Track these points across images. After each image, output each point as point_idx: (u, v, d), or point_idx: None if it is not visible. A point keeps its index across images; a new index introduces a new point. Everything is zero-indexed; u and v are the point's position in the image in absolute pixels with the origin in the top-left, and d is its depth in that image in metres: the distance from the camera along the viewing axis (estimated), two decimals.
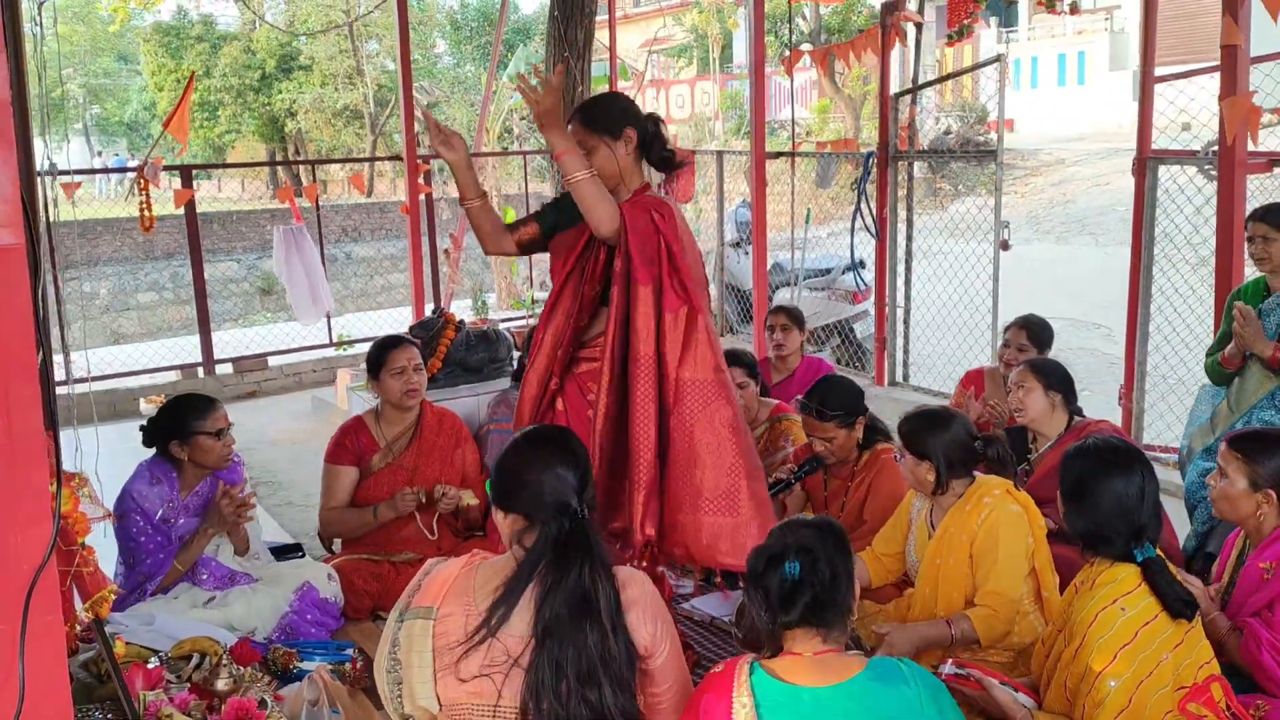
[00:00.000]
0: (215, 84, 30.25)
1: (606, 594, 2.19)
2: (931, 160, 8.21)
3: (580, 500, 2.28)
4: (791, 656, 2.17)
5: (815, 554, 2.18)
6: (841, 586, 2.17)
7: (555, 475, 2.30)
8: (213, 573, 3.68)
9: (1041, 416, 3.94)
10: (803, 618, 2.15)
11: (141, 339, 14.30)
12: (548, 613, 2.16)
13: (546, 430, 2.49)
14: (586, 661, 2.15)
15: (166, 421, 3.66)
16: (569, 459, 2.32)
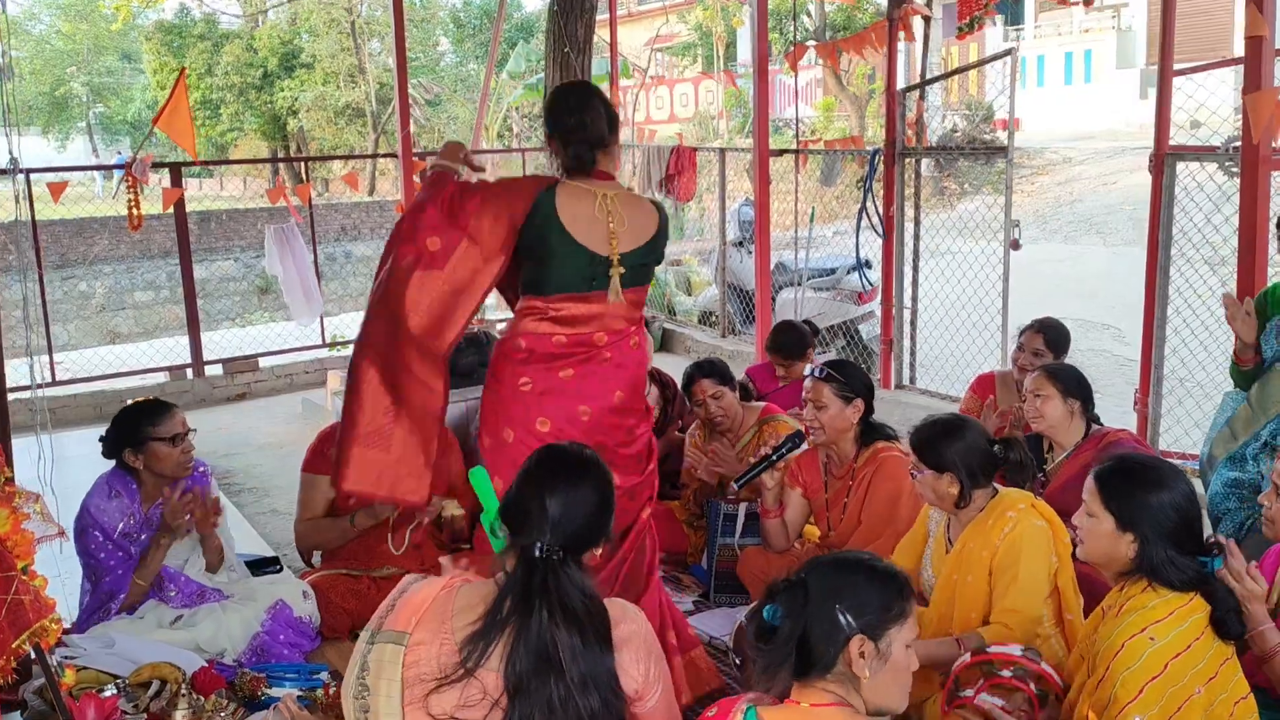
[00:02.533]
0: (217, 82, 30.14)
1: (570, 646, 1.98)
2: (939, 158, 8.00)
3: (553, 537, 2.07)
4: (790, 706, 1.94)
5: (801, 598, 1.94)
6: (823, 640, 1.91)
7: (539, 504, 2.11)
8: (181, 589, 3.49)
9: (1059, 425, 3.75)
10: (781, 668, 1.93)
11: (138, 338, 14.13)
12: (516, 665, 1.97)
13: (567, 451, 2.27)
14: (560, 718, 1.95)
15: (119, 429, 3.46)
16: (565, 488, 2.12)
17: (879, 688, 1.93)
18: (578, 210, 3.08)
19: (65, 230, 16.61)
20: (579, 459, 2.21)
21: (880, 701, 1.95)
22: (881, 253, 6.66)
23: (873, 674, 1.91)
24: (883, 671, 1.93)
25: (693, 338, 8.62)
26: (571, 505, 2.10)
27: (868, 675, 1.91)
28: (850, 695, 1.92)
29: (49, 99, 37.14)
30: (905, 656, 1.96)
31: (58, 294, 16.48)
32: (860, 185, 6.49)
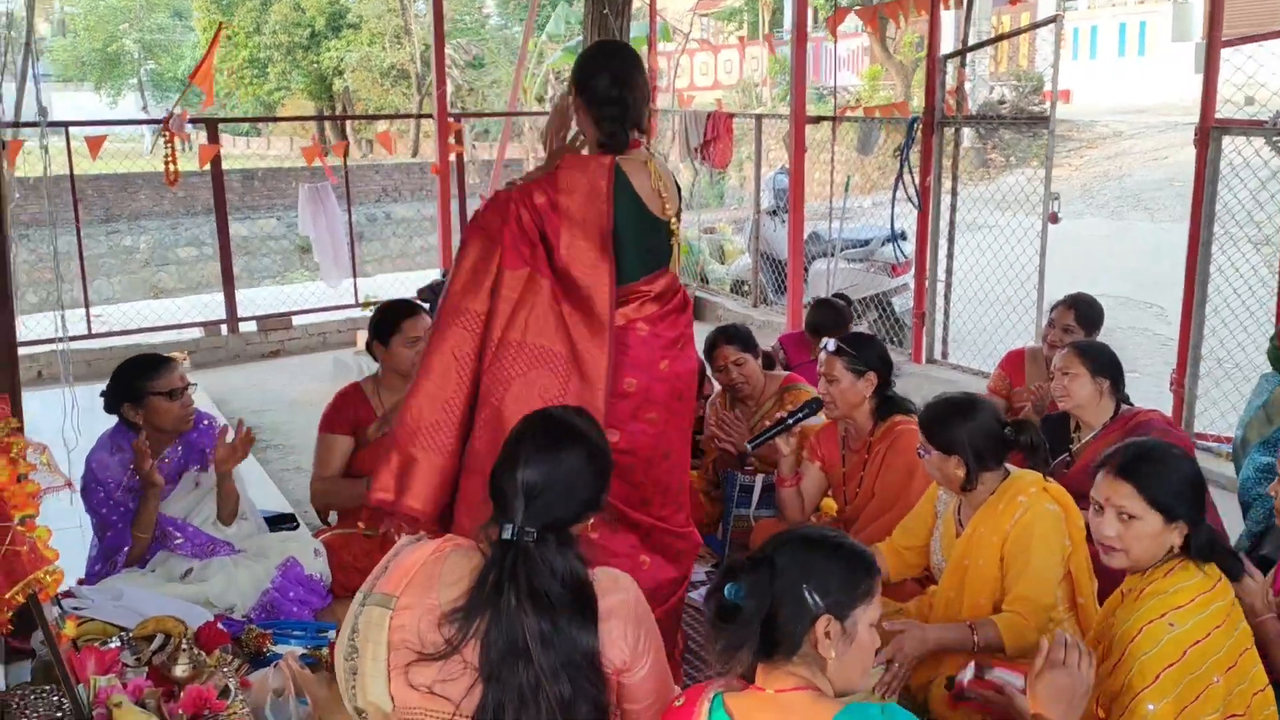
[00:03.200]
0: (265, 41, 30.24)
1: (539, 633, 1.92)
2: (980, 127, 7.83)
3: (526, 517, 1.99)
4: (755, 693, 1.88)
5: (767, 577, 1.86)
6: (790, 619, 1.83)
7: (511, 480, 2.03)
8: (190, 538, 3.49)
9: (1087, 404, 3.66)
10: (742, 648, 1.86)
11: (181, 293, 14.27)
12: (489, 651, 1.93)
13: (545, 419, 2.17)
14: (533, 708, 1.92)
15: (117, 384, 3.47)
16: (538, 462, 2.04)
17: (844, 669, 1.87)
18: (641, 182, 2.99)
19: (111, 185, 16.78)
20: (556, 426, 2.12)
21: (844, 683, 1.88)
22: (916, 224, 6.54)
23: (839, 655, 1.84)
24: (848, 652, 1.86)
25: (724, 306, 8.55)
26: (547, 479, 2.03)
27: (834, 656, 1.83)
28: (816, 677, 1.86)
29: (101, 55, 37.46)
30: (870, 636, 1.89)
31: (102, 248, 16.69)
32: (897, 155, 6.36)
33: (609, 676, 2.02)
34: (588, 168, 2.95)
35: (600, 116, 2.98)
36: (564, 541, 2.02)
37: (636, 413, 3.04)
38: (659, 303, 3.07)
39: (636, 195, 2.96)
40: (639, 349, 3.03)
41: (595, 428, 2.19)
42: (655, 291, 3.06)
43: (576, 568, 2.00)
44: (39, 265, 15.26)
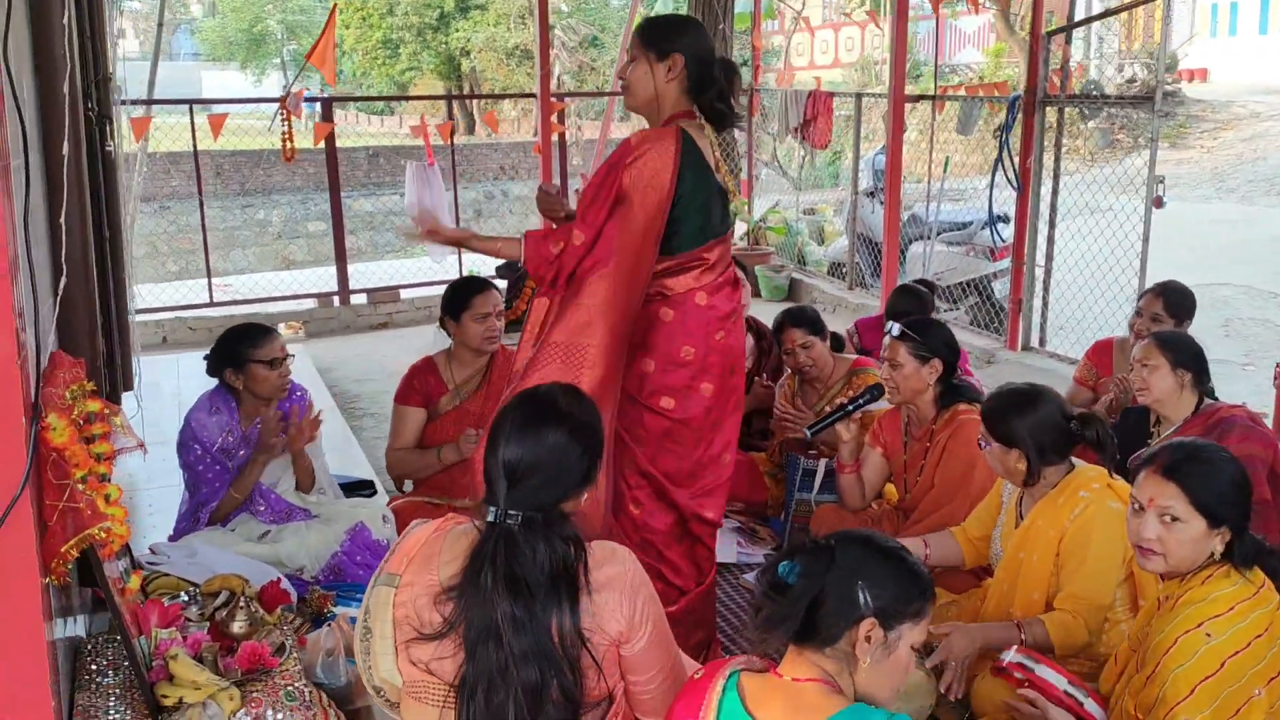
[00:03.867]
0: (397, 22, 31.00)
1: (511, 617, 1.95)
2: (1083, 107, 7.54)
3: (509, 500, 2.01)
4: (771, 677, 1.90)
5: (824, 564, 1.87)
6: (835, 612, 1.84)
7: (494, 462, 2.05)
8: (271, 505, 3.67)
9: (1167, 397, 3.54)
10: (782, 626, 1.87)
11: (309, 265, 14.82)
12: (469, 631, 1.98)
13: (528, 397, 2.17)
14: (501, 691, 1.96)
15: (222, 350, 3.65)
16: (519, 441, 2.04)
17: (874, 678, 1.87)
18: (705, 147, 3.05)
19: (246, 161, 17.49)
20: (538, 404, 2.12)
21: (870, 691, 1.88)
22: (1016, 207, 6.35)
23: (873, 661, 1.85)
24: (884, 663, 1.86)
25: (819, 288, 8.46)
26: (530, 459, 2.03)
27: (868, 661, 1.84)
28: (841, 675, 1.87)
29: (247, 35, 38.92)
30: (908, 657, 1.89)
31: (237, 221, 17.43)
32: (997, 135, 6.19)
33: (608, 649, 2.06)
34: (657, 139, 2.97)
35: (707, 91, 3.02)
36: (552, 522, 2.02)
37: (692, 381, 3.09)
38: (715, 272, 3.11)
39: (704, 160, 3.01)
40: (697, 318, 3.07)
41: (581, 403, 2.19)
42: (712, 260, 3.10)
43: (560, 553, 2.00)
44: (178, 235, 16.07)
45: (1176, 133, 14.35)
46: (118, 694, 2.65)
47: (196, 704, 2.57)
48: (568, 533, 2.04)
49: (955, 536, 3.26)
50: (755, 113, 9.28)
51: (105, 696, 2.65)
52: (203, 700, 2.59)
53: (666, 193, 2.94)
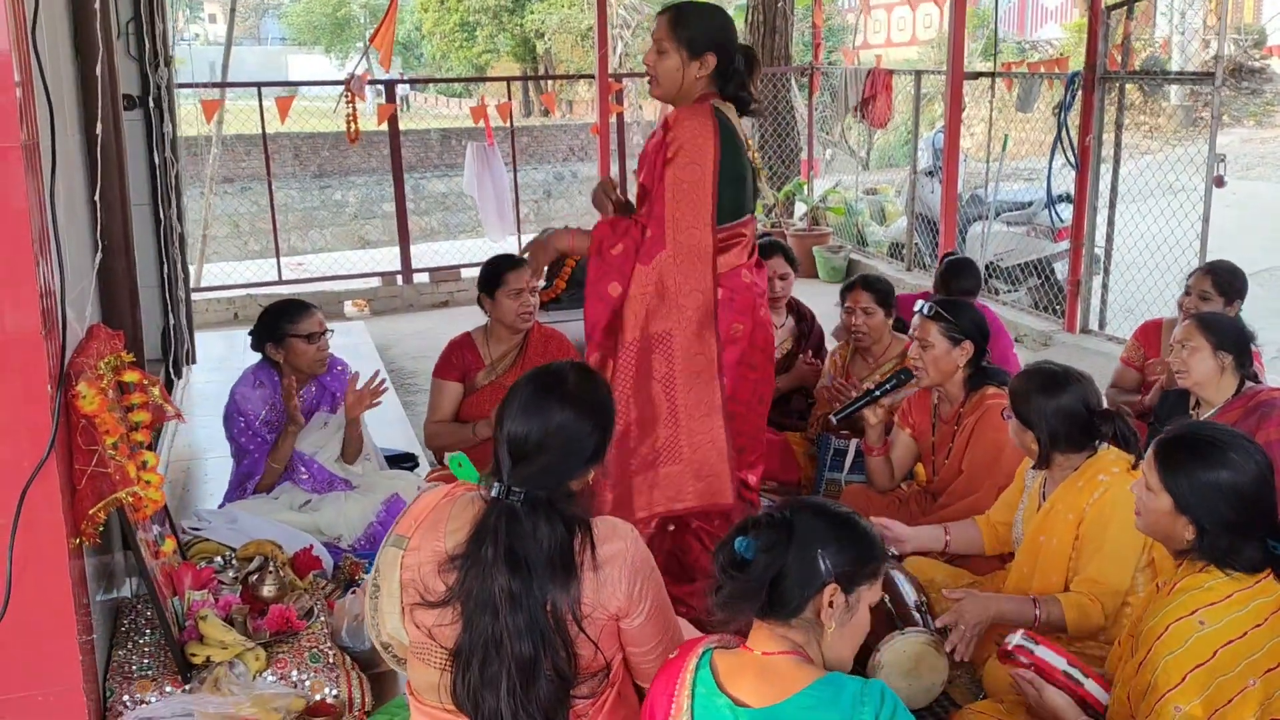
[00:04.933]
0: (473, 5, 31.26)
1: (509, 591, 1.98)
2: (1144, 83, 7.33)
3: (513, 477, 2.04)
4: (743, 652, 1.93)
5: (784, 537, 1.89)
6: (798, 583, 1.86)
7: (501, 438, 2.08)
8: (314, 474, 3.79)
9: (1207, 380, 3.46)
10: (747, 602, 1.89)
11: (385, 245, 15.08)
12: (467, 601, 2.02)
13: (537, 374, 2.19)
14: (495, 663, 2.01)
15: (263, 325, 3.77)
16: (525, 418, 2.07)
17: (839, 641, 1.90)
18: (736, 126, 3.14)
19: (325, 142, 17.81)
20: (547, 381, 2.14)
21: (835, 656, 1.91)
22: (1075, 187, 6.22)
23: (838, 625, 1.88)
24: (847, 625, 1.90)
25: (877, 270, 8.37)
26: (536, 436, 2.05)
27: (833, 626, 1.87)
28: (809, 645, 1.89)
29: (331, 19, 39.58)
30: (866, 616, 1.93)
31: (315, 202, 17.78)
32: (1056, 112, 6.06)
33: (608, 623, 2.10)
34: (695, 111, 3.05)
35: (731, 79, 3.12)
36: (556, 501, 2.05)
37: (742, 358, 3.17)
38: (748, 249, 3.16)
39: (737, 136, 3.08)
40: (745, 295, 3.13)
41: (592, 382, 2.21)
42: (749, 236, 3.16)
43: (560, 534, 2.03)
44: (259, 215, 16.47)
45: (1264, 110, 13.85)
46: (150, 651, 2.77)
47: (223, 663, 2.69)
48: (572, 512, 2.07)
49: (978, 524, 3.24)
50: (816, 91, 9.20)
51: (140, 653, 2.78)
52: (230, 659, 2.70)
53: (712, 166, 3.00)
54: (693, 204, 3.02)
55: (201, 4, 44.57)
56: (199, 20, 46.57)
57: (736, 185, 3.10)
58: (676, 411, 3.10)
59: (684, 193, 3.01)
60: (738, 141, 3.09)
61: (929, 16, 20.98)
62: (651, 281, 3.06)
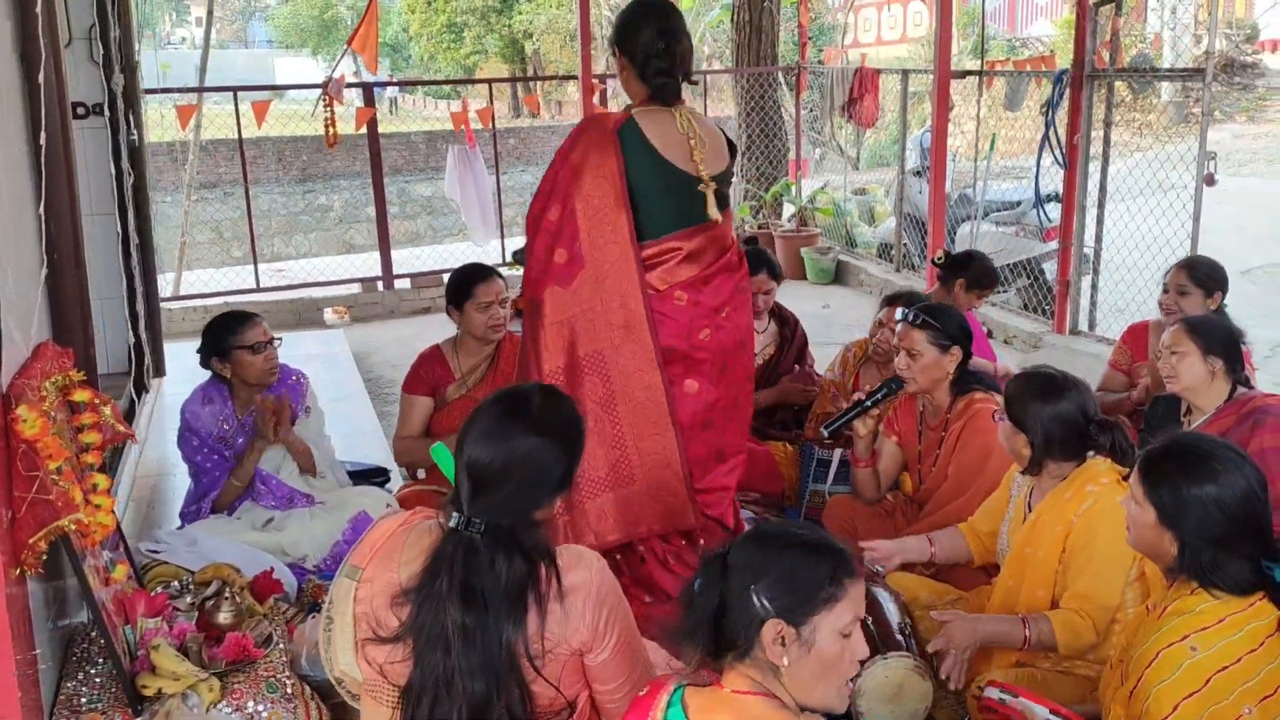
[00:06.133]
0: (461, 5, 31.16)
1: (462, 627, 1.88)
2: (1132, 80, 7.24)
3: (473, 508, 1.93)
4: (715, 690, 1.80)
5: (717, 574, 1.78)
6: (738, 621, 1.74)
7: (459, 466, 1.97)
8: (273, 490, 3.67)
9: (1197, 385, 3.36)
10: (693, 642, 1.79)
11: (370, 249, 14.97)
12: (419, 636, 1.91)
13: (502, 398, 2.08)
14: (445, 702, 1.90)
15: (207, 340, 3.66)
16: (486, 445, 1.96)
17: (803, 678, 1.75)
18: (663, 133, 2.99)
19: (308, 146, 17.68)
20: (509, 405, 2.03)
21: (806, 697, 1.76)
22: (1063, 186, 6.12)
23: (793, 663, 1.73)
24: (805, 660, 1.74)
25: (866, 270, 8.27)
26: (498, 464, 1.95)
27: (785, 664, 1.73)
28: (772, 684, 1.76)
29: (318, 22, 39.45)
30: (835, 646, 1.75)
31: (299, 206, 17.66)
32: (1043, 111, 5.96)
33: (571, 659, 1.99)
34: (599, 120, 3.02)
35: (649, 70, 3.00)
36: (519, 532, 1.95)
37: (675, 380, 3.02)
38: (697, 263, 3.01)
39: (651, 145, 2.94)
40: (677, 318, 3.00)
41: (558, 404, 2.11)
42: (690, 250, 3.01)
43: (520, 569, 1.92)
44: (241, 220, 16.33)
45: (1256, 106, 13.78)
46: (101, 683, 2.66)
47: (176, 694, 2.57)
48: (535, 544, 1.96)
49: (964, 533, 3.14)
50: (803, 91, 9.10)
51: (90, 684, 2.66)
52: (183, 691, 2.58)
53: (618, 180, 2.91)
54: (606, 221, 2.93)
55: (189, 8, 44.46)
56: (186, 24, 46.47)
57: (658, 198, 2.98)
58: (622, 434, 3.00)
59: (594, 208, 2.93)
60: (649, 151, 2.96)
61: (919, 14, 20.89)
62: (575, 304, 2.96)
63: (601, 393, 2.98)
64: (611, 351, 2.98)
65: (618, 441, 2.99)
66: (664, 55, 2.98)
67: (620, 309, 2.96)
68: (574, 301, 2.96)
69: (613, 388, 2.98)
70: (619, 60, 3.05)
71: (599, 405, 2.99)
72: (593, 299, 2.96)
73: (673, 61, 3.00)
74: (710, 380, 3.04)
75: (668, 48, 2.98)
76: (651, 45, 2.98)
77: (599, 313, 2.97)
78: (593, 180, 2.92)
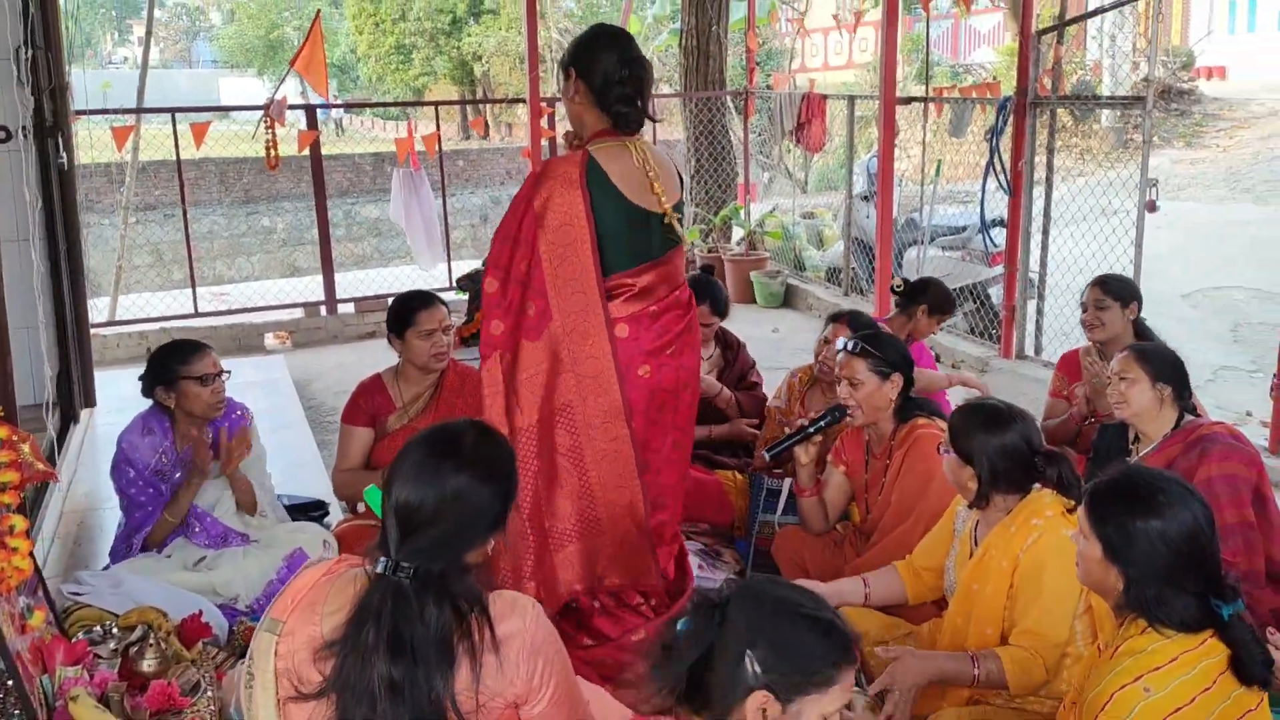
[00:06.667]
0: (410, 28, 31.02)
1: (389, 680, 1.77)
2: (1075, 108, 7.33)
3: (403, 552, 1.83)
4: None
5: (712, 624, 1.67)
6: (723, 682, 1.64)
7: (392, 500, 1.87)
8: (207, 529, 3.53)
9: (1146, 413, 3.34)
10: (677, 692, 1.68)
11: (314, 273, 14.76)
12: (344, 691, 1.80)
13: (430, 436, 1.97)
14: None
15: (153, 368, 3.52)
16: (416, 485, 1.86)
17: None
18: (622, 170, 2.90)
19: (250, 167, 17.44)
20: (440, 443, 1.94)
21: None
22: (1008, 211, 6.15)
23: None
24: None
25: (815, 294, 8.27)
26: (428, 505, 1.85)
27: None
28: None
29: (264, 42, 39.09)
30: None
31: (242, 229, 17.38)
32: (988, 137, 5.99)
33: (507, 710, 1.90)
34: (560, 164, 2.91)
35: (609, 97, 2.90)
36: (450, 577, 1.85)
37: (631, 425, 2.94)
38: (647, 299, 2.95)
39: (612, 185, 2.87)
40: (620, 352, 2.91)
41: (492, 442, 2.01)
42: (641, 285, 2.95)
43: (450, 617, 1.83)
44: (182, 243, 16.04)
45: (1192, 131, 14.06)
46: None
47: None
48: (467, 589, 1.87)
49: (900, 572, 3.09)
50: (751, 115, 9.11)
51: None
52: None
53: (587, 226, 2.83)
54: (573, 270, 2.86)
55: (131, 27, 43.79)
56: (128, 43, 45.80)
57: (618, 237, 2.91)
58: (590, 485, 2.93)
59: (560, 257, 2.85)
60: (608, 187, 2.88)
61: (865, 40, 21.13)
62: (545, 357, 2.89)
63: (569, 443, 2.92)
64: (580, 402, 2.91)
65: (585, 492, 2.92)
66: (628, 82, 2.89)
67: (588, 359, 2.90)
68: (544, 355, 2.89)
69: (579, 438, 2.92)
70: (573, 84, 2.94)
71: (566, 456, 2.92)
72: (560, 351, 2.89)
73: (637, 89, 2.91)
74: (648, 419, 2.97)
75: (632, 74, 2.89)
76: (614, 71, 2.88)
77: (566, 364, 2.90)
78: (557, 228, 2.84)
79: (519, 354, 2.90)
